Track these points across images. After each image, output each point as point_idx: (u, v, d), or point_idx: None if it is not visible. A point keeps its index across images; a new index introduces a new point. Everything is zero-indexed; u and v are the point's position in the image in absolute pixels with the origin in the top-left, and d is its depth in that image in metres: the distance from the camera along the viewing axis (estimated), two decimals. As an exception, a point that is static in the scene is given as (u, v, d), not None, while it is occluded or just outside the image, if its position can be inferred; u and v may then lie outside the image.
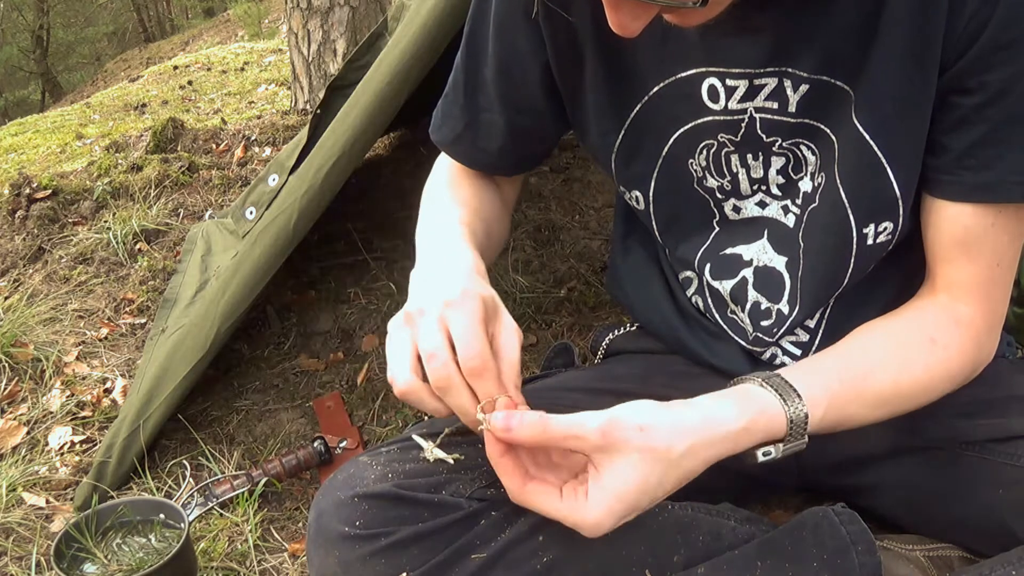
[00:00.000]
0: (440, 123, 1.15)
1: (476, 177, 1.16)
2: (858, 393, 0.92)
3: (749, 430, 0.85)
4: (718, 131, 0.98)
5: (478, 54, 1.07)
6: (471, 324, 0.82)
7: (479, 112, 1.10)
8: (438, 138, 1.15)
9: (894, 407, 0.94)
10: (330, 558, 0.90)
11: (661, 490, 0.81)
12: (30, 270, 2.28)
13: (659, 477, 0.80)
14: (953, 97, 0.87)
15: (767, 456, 0.87)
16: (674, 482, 0.81)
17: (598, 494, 0.79)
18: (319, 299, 2.00)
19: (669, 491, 0.82)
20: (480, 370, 0.81)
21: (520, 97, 1.07)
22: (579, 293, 1.93)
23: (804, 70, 0.91)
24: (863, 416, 0.93)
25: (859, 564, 0.93)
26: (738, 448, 0.85)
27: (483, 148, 1.12)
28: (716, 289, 1.07)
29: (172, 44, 13.06)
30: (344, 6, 3.21)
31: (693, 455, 0.81)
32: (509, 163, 1.15)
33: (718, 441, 0.83)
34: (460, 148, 1.14)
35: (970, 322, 0.95)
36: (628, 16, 0.78)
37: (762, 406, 0.86)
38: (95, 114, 4.53)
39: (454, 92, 1.12)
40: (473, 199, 1.11)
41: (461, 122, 1.12)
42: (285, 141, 2.81)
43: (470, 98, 1.09)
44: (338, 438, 1.55)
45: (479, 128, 1.11)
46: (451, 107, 1.12)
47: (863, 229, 0.95)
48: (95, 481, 1.45)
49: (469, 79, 1.09)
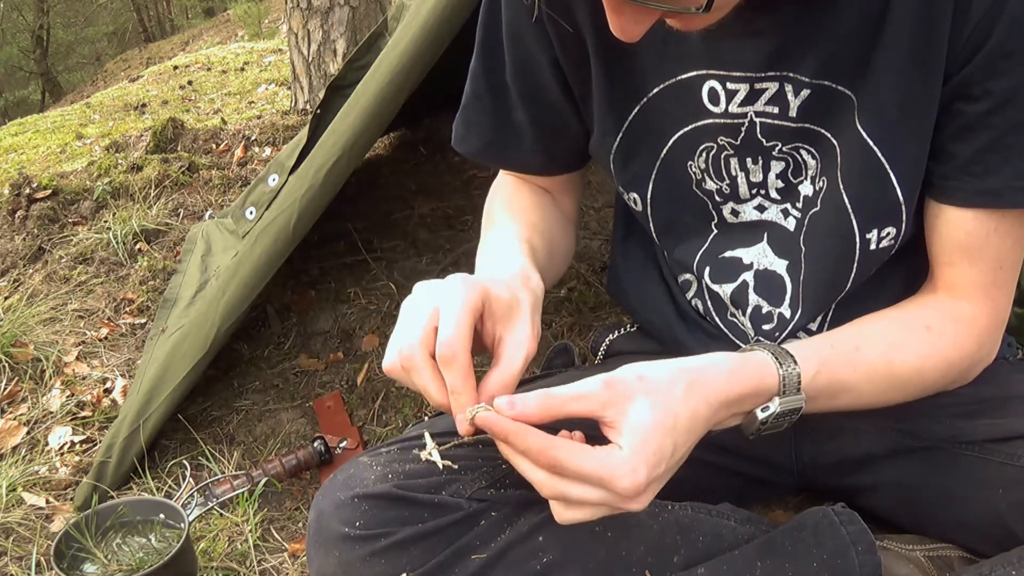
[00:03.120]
0: (464, 134, 1.14)
1: (533, 192, 1.15)
2: (850, 359, 0.92)
3: (742, 372, 0.86)
4: (718, 134, 0.98)
5: (494, 58, 1.06)
6: (455, 312, 0.81)
7: (506, 113, 1.09)
8: (466, 148, 1.15)
9: (888, 387, 0.94)
10: (330, 558, 0.90)
11: (679, 434, 0.80)
12: (30, 270, 2.28)
13: (672, 417, 0.79)
14: (958, 104, 0.87)
15: (766, 414, 0.87)
16: (687, 423, 0.80)
17: (624, 439, 0.77)
18: (319, 299, 2.00)
19: (685, 436, 0.80)
20: (448, 359, 0.80)
21: (540, 95, 1.06)
22: (579, 293, 1.93)
23: (805, 75, 0.90)
24: (857, 387, 0.93)
25: (859, 564, 0.93)
26: (736, 391, 0.85)
27: (516, 149, 1.12)
28: (716, 292, 1.07)
29: (172, 44, 13.06)
30: (344, 6, 3.21)
31: (695, 392, 0.81)
32: (543, 161, 1.14)
33: (716, 379, 0.84)
34: (492, 153, 1.14)
35: (972, 319, 0.95)
36: (630, 21, 0.78)
37: (753, 354, 0.89)
38: (95, 114, 4.53)
39: (476, 100, 1.11)
40: (532, 213, 1.11)
41: (489, 127, 1.11)
42: (285, 141, 2.80)
43: (494, 102, 1.09)
44: (338, 438, 1.55)
45: (509, 130, 1.10)
46: (475, 115, 1.12)
47: (866, 234, 0.95)
48: (95, 481, 1.45)
49: (490, 83, 1.08)
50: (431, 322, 0.82)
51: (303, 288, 2.05)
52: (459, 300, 0.82)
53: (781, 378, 0.87)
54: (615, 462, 0.76)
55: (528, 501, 0.94)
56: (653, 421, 0.78)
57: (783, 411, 0.87)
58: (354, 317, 1.90)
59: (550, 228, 1.11)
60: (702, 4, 0.72)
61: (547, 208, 1.14)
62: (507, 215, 1.11)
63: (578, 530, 0.92)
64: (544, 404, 0.78)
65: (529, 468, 0.78)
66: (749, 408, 0.88)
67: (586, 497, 0.78)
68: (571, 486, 0.77)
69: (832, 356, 0.92)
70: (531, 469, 0.78)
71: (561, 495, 0.78)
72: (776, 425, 0.89)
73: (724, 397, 0.84)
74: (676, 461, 0.81)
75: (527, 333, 0.86)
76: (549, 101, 1.07)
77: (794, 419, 0.89)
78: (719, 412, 0.84)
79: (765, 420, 0.87)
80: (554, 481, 0.78)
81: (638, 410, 0.78)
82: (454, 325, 0.80)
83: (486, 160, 1.17)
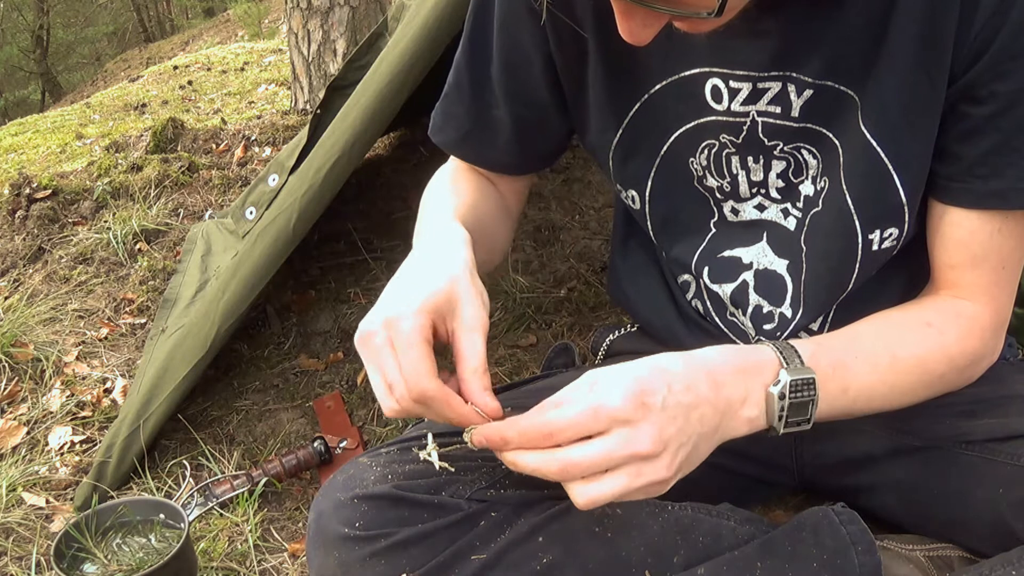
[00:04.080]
0: (442, 124, 1.14)
1: (477, 177, 1.15)
2: (851, 345, 0.91)
3: (729, 348, 0.86)
4: (720, 131, 0.98)
5: (481, 52, 1.06)
6: (410, 357, 0.80)
7: (485, 109, 1.09)
8: (441, 139, 1.15)
9: (894, 380, 0.93)
10: (330, 559, 0.90)
11: (672, 376, 0.78)
12: (30, 270, 2.28)
13: (661, 368, 0.79)
14: (963, 106, 0.87)
15: (779, 387, 0.84)
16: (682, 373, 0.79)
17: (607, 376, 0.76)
18: (319, 299, 2.00)
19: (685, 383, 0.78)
20: (427, 401, 0.80)
21: (525, 92, 1.06)
22: (579, 293, 1.92)
23: (809, 75, 0.90)
24: (858, 372, 0.91)
25: (859, 564, 0.93)
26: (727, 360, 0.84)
27: (490, 145, 1.12)
28: (715, 293, 1.07)
29: (172, 44, 13.05)
30: (344, 6, 3.21)
31: (684, 357, 0.82)
32: (516, 160, 1.14)
33: (704, 353, 0.84)
34: (467, 147, 1.14)
35: (974, 317, 0.95)
36: (639, 25, 0.77)
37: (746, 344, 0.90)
38: (95, 114, 4.52)
39: (457, 92, 1.11)
40: (470, 194, 1.10)
41: (467, 121, 1.11)
42: (285, 141, 2.80)
43: (475, 96, 1.09)
44: (338, 438, 1.55)
45: (486, 125, 1.10)
46: (454, 107, 1.12)
47: (868, 235, 0.95)
48: (95, 481, 1.45)
49: (473, 77, 1.08)
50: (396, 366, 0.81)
51: (303, 288, 2.05)
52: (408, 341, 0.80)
53: (776, 350, 0.87)
54: (601, 387, 0.76)
55: (528, 501, 0.94)
56: (640, 362, 0.78)
57: (796, 382, 0.84)
58: (354, 317, 1.90)
59: (486, 212, 1.10)
60: (713, 8, 0.72)
61: (488, 193, 1.14)
62: (446, 193, 1.10)
63: (578, 530, 0.92)
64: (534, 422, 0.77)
65: (529, 460, 0.77)
66: (758, 387, 0.85)
67: (593, 454, 0.74)
68: (572, 450, 0.75)
69: (828, 339, 0.92)
70: (531, 459, 0.77)
71: (568, 463, 0.75)
72: (798, 410, 0.85)
73: (719, 367, 0.83)
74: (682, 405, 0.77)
75: (472, 316, 0.83)
76: (534, 98, 1.06)
77: (815, 401, 0.86)
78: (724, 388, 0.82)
79: (782, 395, 0.84)
80: (555, 456, 0.76)
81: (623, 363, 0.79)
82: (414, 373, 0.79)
83: (461, 154, 1.15)
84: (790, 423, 0.86)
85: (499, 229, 1.14)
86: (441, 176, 1.16)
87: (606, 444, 0.75)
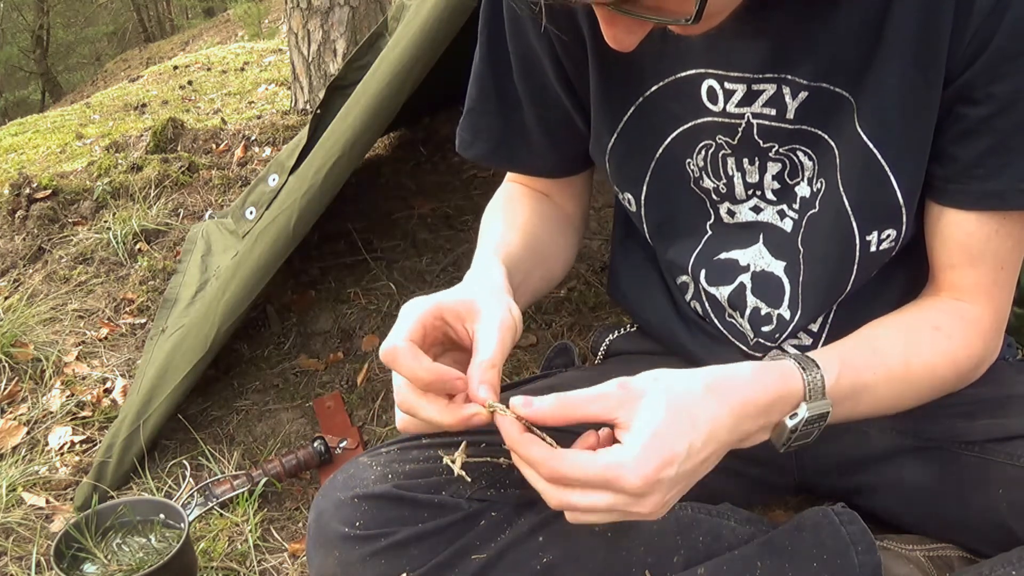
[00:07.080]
0: (471, 139, 1.13)
1: (529, 197, 1.15)
2: (869, 362, 0.91)
3: (766, 377, 0.85)
4: (716, 132, 0.98)
5: (499, 58, 1.06)
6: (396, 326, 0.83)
7: (513, 115, 1.09)
8: (473, 153, 1.14)
9: (905, 388, 0.93)
10: (330, 558, 0.90)
11: (697, 437, 0.78)
12: (30, 270, 2.28)
13: (689, 418, 0.78)
14: (960, 107, 0.87)
15: (795, 421, 0.84)
16: (707, 426, 0.78)
17: (632, 437, 0.76)
18: (319, 299, 2.00)
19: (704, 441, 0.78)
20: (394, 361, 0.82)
21: (544, 95, 1.06)
22: (579, 293, 1.92)
23: (804, 77, 0.90)
24: (877, 388, 0.91)
25: (859, 564, 0.93)
26: (761, 397, 0.83)
27: (524, 150, 1.11)
28: (713, 295, 1.06)
29: (172, 44, 13.05)
30: (344, 6, 3.21)
31: (716, 394, 0.80)
32: (553, 163, 1.13)
33: (738, 384, 0.82)
34: (500, 156, 1.14)
35: (976, 319, 0.95)
36: (622, 31, 0.77)
37: (775, 362, 0.87)
38: (95, 114, 4.52)
39: (482, 102, 1.10)
40: (522, 217, 1.10)
41: (496, 129, 1.11)
42: (285, 141, 2.80)
43: (501, 103, 1.08)
44: (338, 438, 1.55)
45: (516, 132, 1.10)
46: (481, 119, 1.11)
47: (866, 236, 0.95)
48: (95, 481, 1.45)
49: (497, 84, 1.08)
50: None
51: (303, 288, 2.05)
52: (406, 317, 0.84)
53: (806, 383, 0.85)
54: (621, 460, 0.75)
55: (528, 501, 0.94)
56: (666, 418, 0.77)
57: (811, 417, 0.85)
58: (354, 317, 1.90)
59: (540, 230, 1.10)
60: (691, 15, 0.72)
61: (541, 212, 1.13)
62: (498, 218, 1.10)
63: (578, 530, 0.92)
64: (559, 406, 0.78)
65: (534, 478, 0.79)
66: (776, 418, 0.86)
67: (593, 503, 0.77)
68: (574, 494, 0.77)
69: (853, 358, 0.90)
70: (535, 479, 0.79)
71: (567, 505, 0.78)
72: (805, 434, 0.86)
73: (749, 403, 0.82)
74: (692, 468, 0.78)
75: (492, 312, 0.85)
76: (553, 100, 1.06)
77: (822, 426, 0.87)
78: (744, 423, 0.82)
79: (795, 428, 0.85)
80: (558, 491, 0.77)
81: (651, 407, 0.77)
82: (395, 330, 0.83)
83: (495, 163, 1.16)
84: (793, 445, 0.88)
85: (557, 246, 1.14)
86: (495, 204, 1.15)
87: (609, 503, 0.77)
